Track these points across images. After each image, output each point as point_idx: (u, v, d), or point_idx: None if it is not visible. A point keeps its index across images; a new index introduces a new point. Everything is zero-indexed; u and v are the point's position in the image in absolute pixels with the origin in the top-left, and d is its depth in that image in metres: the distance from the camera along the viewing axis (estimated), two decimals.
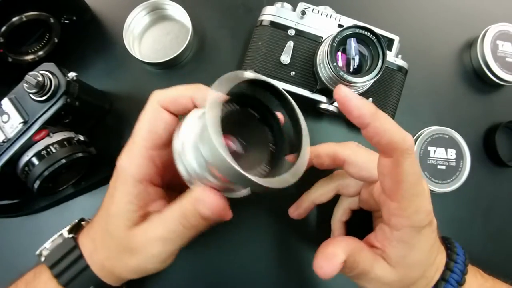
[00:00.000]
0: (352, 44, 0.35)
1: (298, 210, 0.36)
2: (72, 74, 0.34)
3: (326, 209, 0.37)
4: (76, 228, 0.30)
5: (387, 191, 0.25)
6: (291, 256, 0.40)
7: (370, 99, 0.38)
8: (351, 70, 0.35)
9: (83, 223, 0.32)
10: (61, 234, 0.29)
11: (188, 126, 0.23)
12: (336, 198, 0.35)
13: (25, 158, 0.33)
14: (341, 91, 0.23)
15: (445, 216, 0.43)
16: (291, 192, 0.40)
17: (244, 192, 0.25)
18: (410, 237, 0.25)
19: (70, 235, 0.29)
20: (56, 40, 0.40)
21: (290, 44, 0.38)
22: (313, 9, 0.38)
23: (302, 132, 0.23)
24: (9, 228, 0.40)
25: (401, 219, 0.24)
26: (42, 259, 0.29)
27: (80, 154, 0.35)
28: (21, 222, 0.40)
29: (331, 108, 0.38)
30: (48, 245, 0.29)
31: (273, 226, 0.40)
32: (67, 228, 0.30)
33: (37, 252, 0.29)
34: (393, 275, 0.26)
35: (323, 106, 0.38)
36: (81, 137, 0.37)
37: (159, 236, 0.25)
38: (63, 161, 0.33)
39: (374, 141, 0.23)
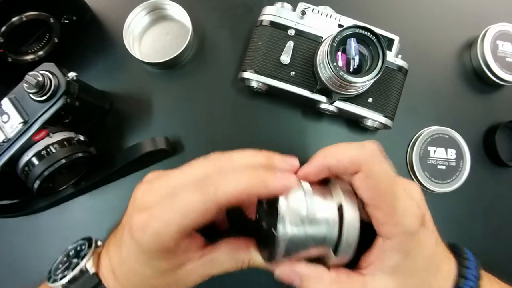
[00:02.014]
0: (352, 44, 0.35)
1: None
2: (72, 74, 0.34)
3: None
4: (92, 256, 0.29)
5: (368, 201, 0.24)
6: None
7: (370, 99, 0.38)
8: (351, 70, 0.35)
9: (98, 249, 0.29)
10: (82, 270, 0.27)
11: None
12: None
13: (25, 158, 0.33)
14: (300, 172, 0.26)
15: (445, 216, 0.43)
16: None
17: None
18: (404, 244, 0.24)
19: (92, 270, 0.27)
20: (56, 40, 0.40)
21: (290, 44, 0.38)
22: (313, 9, 0.38)
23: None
24: (9, 228, 0.40)
25: (390, 227, 0.24)
26: None
27: (80, 154, 0.35)
28: (21, 222, 0.40)
29: (331, 108, 0.38)
30: (66, 279, 0.27)
31: None
32: (86, 260, 0.27)
33: (52, 284, 0.27)
34: (390, 285, 0.25)
35: (323, 106, 0.38)
36: (81, 137, 0.37)
37: (205, 274, 0.28)
38: (63, 161, 0.33)
39: (344, 172, 0.25)
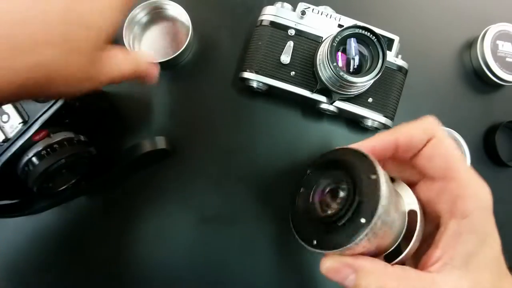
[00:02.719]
0: (352, 44, 0.35)
1: None
2: None
3: None
4: None
5: (442, 172, 0.23)
6: (291, 257, 0.40)
7: (370, 99, 0.38)
8: (351, 70, 0.35)
9: None
10: None
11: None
12: None
13: (25, 158, 0.33)
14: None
15: None
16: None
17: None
18: (482, 223, 0.22)
19: None
20: None
21: (290, 44, 0.38)
22: (313, 9, 0.38)
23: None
24: (9, 228, 0.40)
25: (467, 201, 0.22)
26: None
27: (80, 154, 0.35)
28: (21, 222, 0.40)
29: (331, 108, 0.38)
30: None
31: (275, 227, 0.40)
32: None
33: None
34: (463, 281, 0.21)
35: (323, 106, 0.38)
36: (81, 137, 0.37)
37: None
38: (63, 161, 0.33)
39: (411, 147, 0.24)
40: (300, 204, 0.25)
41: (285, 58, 0.38)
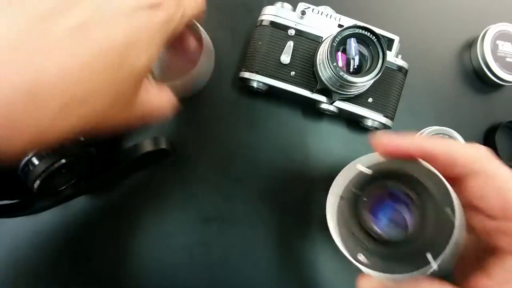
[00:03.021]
0: (352, 44, 0.35)
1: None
2: None
3: None
4: None
5: (497, 212, 0.21)
6: (292, 257, 0.40)
7: (370, 99, 0.38)
8: (351, 70, 0.35)
9: None
10: None
11: None
12: None
13: (25, 158, 0.33)
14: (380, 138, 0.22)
15: None
16: (292, 188, 0.40)
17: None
18: None
19: None
20: None
21: (290, 44, 0.38)
22: (313, 9, 0.38)
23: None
24: (9, 228, 0.40)
25: None
26: None
27: (80, 154, 0.35)
28: (21, 222, 0.40)
29: (331, 108, 0.38)
30: None
31: (275, 227, 0.40)
32: None
33: None
34: None
35: (323, 106, 0.38)
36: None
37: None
38: (63, 161, 0.33)
39: (448, 168, 0.21)
40: (351, 206, 0.23)
41: (285, 58, 0.38)
